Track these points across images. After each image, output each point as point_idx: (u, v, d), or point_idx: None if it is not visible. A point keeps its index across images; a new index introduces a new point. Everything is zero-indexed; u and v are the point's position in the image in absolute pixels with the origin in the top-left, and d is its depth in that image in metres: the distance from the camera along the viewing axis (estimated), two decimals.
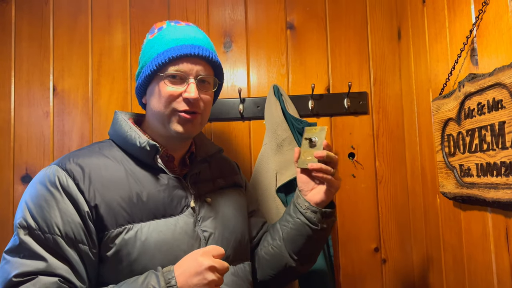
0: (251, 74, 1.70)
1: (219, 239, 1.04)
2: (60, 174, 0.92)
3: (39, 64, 1.70)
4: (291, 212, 1.15)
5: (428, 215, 1.44)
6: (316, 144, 1.09)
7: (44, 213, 0.88)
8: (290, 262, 1.14)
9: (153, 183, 0.99)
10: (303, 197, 1.12)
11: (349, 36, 1.70)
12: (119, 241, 0.91)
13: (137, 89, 1.08)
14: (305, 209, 1.10)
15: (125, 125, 1.03)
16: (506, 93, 0.88)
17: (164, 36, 1.02)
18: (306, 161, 1.10)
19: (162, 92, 0.99)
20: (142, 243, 0.92)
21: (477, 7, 1.04)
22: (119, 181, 0.96)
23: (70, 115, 1.69)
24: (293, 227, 1.13)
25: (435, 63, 1.32)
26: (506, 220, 0.95)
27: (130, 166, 1.00)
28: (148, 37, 1.07)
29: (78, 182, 0.92)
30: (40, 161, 1.66)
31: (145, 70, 1.02)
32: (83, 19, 1.72)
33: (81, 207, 0.90)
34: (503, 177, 0.90)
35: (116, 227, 0.92)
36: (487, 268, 1.05)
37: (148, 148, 0.98)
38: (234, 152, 1.67)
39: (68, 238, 0.88)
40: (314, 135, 1.10)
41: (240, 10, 1.72)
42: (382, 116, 1.68)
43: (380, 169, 1.66)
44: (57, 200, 0.89)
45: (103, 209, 0.91)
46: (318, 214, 1.09)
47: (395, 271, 1.63)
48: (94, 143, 1.07)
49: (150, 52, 1.03)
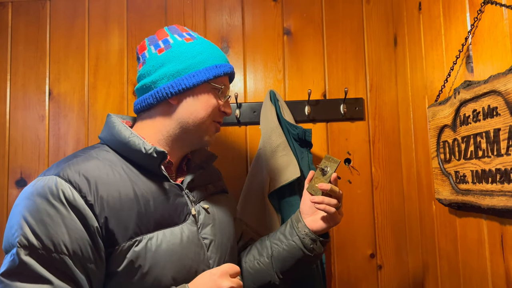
0: (247, 79, 1.71)
1: (219, 246, 1.03)
2: (64, 187, 0.82)
3: (35, 67, 1.70)
4: (287, 233, 1.15)
5: (424, 221, 1.44)
6: (326, 174, 1.12)
7: (49, 231, 0.79)
8: (274, 280, 1.15)
9: (157, 191, 0.95)
10: (303, 222, 1.13)
11: (346, 42, 1.71)
12: (130, 254, 0.86)
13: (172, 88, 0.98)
14: (304, 234, 1.12)
15: (125, 130, 0.97)
16: (501, 100, 0.88)
17: (210, 47, 1.04)
18: (313, 187, 1.13)
19: (211, 102, 1.02)
20: (153, 254, 0.88)
21: (473, 15, 1.05)
22: (125, 190, 0.90)
23: (65, 119, 1.68)
24: (286, 248, 1.13)
25: (431, 70, 1.33)
26: (501, 227, 0.95)
27: (132, 173, 0.94)
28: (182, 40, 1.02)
29: (85, 195, 0.84)
30: (35, 165, 1.65)
31: (196, 75, 0.99)
32: (80, 23, 1.72)
33: (90, 222, 0.83)
34: (498, 184, 0.90)
35: (127, 240, 0.86)
36: (482, 275, 1.05)
37: (154, 155, 0.94)
38: (230, 157, 1.67)
39: (76, 257, 0.81)
40: (328, 164, 1.13)
41: (237, 15, 1.73)
42: (378, 122, 1.68)
43: (376, 175, 1.66)
44: (63, 215, 0.81)
45: (113, 223, 0.85)
46: (316, 243, 1.12)
47: (390, 278, 1.63)
48: (86, 149, 0.99)
49: (197, 58, 1.00)
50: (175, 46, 1.01)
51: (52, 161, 1.64)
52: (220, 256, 1.03)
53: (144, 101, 1.01)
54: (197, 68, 1.00)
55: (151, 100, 1.00)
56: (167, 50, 1.00)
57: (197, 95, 1.01)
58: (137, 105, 1.04)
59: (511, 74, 0.84)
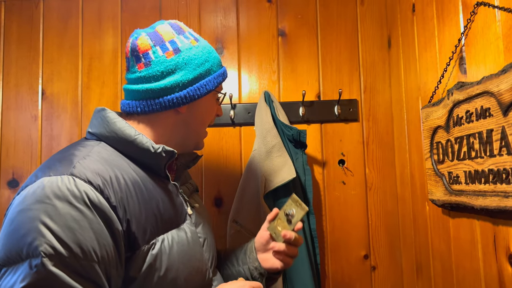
0: (242, 80, 1.71)
1: (210, 244, 1.03)
2: (86, 188, 0.76)
3: (28, 67, 1.68)
4: (239, 259, 1.14)
5: (417, 222, 1.44)
6: (291, 221, 1.05)
7: (77, 236, 0.72)
8: None
9: (163, 191, 0.93)
10: (255, 255, 1.11)
11: (340, 44, 1.71)
12: (148, 257, 0.82)
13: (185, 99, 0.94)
14: (253, 268, 1.10)
15: (129, 128, 0.91)
16: (494, 101, 0.89)
17: (211, 52, 1.03)
18: (275, 229, 1.07)
19: (214, 108, 1.05)
20: (167, 257, 0.86)
21: (466, 17, 1.05)
22: (139, 190, 0.86)
23: (59, 119, 1.67)
24: (235, 273, 1.12)
25: (424, 71, 1.33)
26: (493, 227, 0.96)
27: (139, 172, 0.90)
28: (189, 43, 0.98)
29: (108, 197, 0.78)
30: (27, 166, 1.64)
31: (209, 84, 0.98)
32: (73, 23, 1.71)
33: (115, 226, 0.78)
34: (491, 185, 0.91)
35: (145, 243, 0.83)
36: (475, 275, 1.05)
37: (163, 154, 0.91)
38: (224, 158, 1.66)
39: (104, 263, 0.75)
40: (295, 210, 1.05)
41: (232, 16, 1.73)
42: (372, 123, 1.69)
43: (370, 176, 1.67)
44: (89, 219, 0.74)
45: (135, 225, 0.81)
46: (263, 279, 1.09)
47: (384, 278, 1.63)
48: (82, 145, 0.90)
49: (206, 66, 0.98)
50: (184, 51, 0.95)
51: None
52: (212, 254, 1.03)
53: (147, 107, 0.94)
54: (207, 77, 0.98)
55: (157, 107, 0.94)
56: (177, 55, 0.94)
57: (204, 103, 1.01)
58: (135, 108, 0.95)
59: (503, 75, 0.84)
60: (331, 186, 1.66)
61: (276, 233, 1.06)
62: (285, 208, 1.07)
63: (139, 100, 0.95)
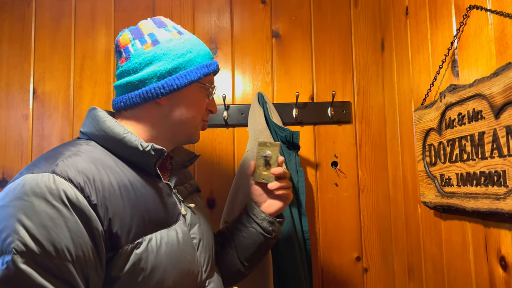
0: (236, 81, 1.70)
1: (206, 245, 1.02)
2: (65, 186, 0.74)
3: (19, 66, 1.67)
4: (244, 221, 1.17)
5: (409, 224, 1.45)
6: (270, 160, 1.13)
7: (51, 234, 0.71)
8: (240, 267, 1.17)
9: (152, 190, 0.91)
10: (259, 208, 1.16)
11: (334, 46, 1.71)
12: (133, 257, 0.81)
13: (163, 89, 0.93)
14: (261, 219, 1.14)
15: (118, 126, 0.90)
16: (485, 104, 0.89)
17: (197, 44, 1.00)
18: (261, 175, 1.14)
19: (201, 102, 1.01)
20: (154, 257, 0.84)
21: (458, 20, 1.06)
22: (125, 189, 0.85)
23: (50, 118, 1.65)
24: (247, 236, 1.15)
25: (417, 74, 1.34)
26: (485, 229, 0.96)
27: (128, 172, 0.89)
28: (170, 35, 0.97)
29: (88, 195, 0.76)
30: (17, 165, 1.62)
31: (189, 75, 0.95)
32: (66, 22, 1.69)
33: (94, 225, 0.76)
34: (483, 187, 0.91)
35: (129, 242, 0.81)
36: (466, 277, 1.06)
37: (152, 153, 0.89)
38: (217, 158, 1.66)
39: (79, 264, 0.73)
40: (268, 150, 1.14)
41: (226, 17, 1.73)
42: (365, 125, 1.69)
43: (363, 178, 1.67)
44: (65, 218, 0.73)
45: (117, 224, 0.80)
46: (274, 224, 1.15)
47: (376, 280, 1.64)
48: (71, 144, 0.90)
49: (187, 56, 0.96)
50: (163, 42, 0.95)
51: None
52: (208, 255, 1.02)
53: (129, 100, 0.95)
54: (188, 68, 0.96)
55: (137, 99, 0.94)
56: (155, 46, 0.94)
57: (187, 95, 0.97)
58: (119, 103, 0.97)
59: (495, 78, 0.85)
60: (324, 188, 1.66)
61: (264, 178, 1.13)
62: (258, 154, 1.14)
63: (123, 94, 0.96)
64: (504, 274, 0.89)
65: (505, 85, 0.82)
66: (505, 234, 0.88)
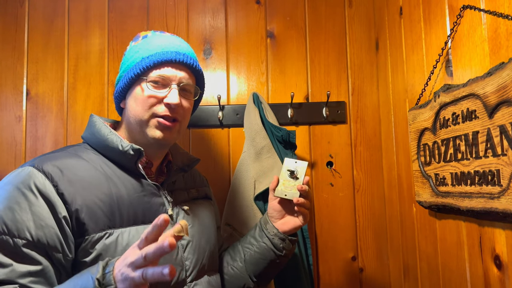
0: (230, 82, 1.70)
1: (196, 248, 1.03)
2: (36, 176, 0.86)
3: (12, 67, 1.65)
4: (257, 235, 1.18)
5: (404, 224, 1.45)
6: (298, 177, 1.14)
7: (15, 216, 0.82)
8: (249, 283, 1.17)
9: (133, 188, 0.97)
10: (272, 224, 1.16)
11: (328, 46, 1.72)
12: (99, 246, 0.87)
13: (116, 93, 1.05)
14: (273, 235, 1.15)
15: (105, 129, 1.00)
16: (479, 103, 0.89)
17: (149, 42, 1.03)
18: (284, 191, 1.14)
19: (143, 95, 0.99)
20: (123, 248, 0.88)
21: (452, 20, 1.06)
22: (99, 184, 0.92)
23: (43, 120, 1.64)
24: (258, 250, 1.16)
25: (411, 73, 1.34)
26: (479, 228, 0.97)
27: (109, 169, 0.97)
28: (131, 44, 1.07)
29: (56, 184, 0.86)
30: (11, 167, 1.60)
31: (127, 73, 1.01)
32: (59, 23, 1.68)
33: (58, 211, 0.85)
34: (477, 186, 0.92)
35: (97, 232, 0.88)
36: (461, 276, 1.06)
37: (131, 152, 0.95)
38: (213, 159, 1.65)
39: (40, 243, 0.82)
40: (296, 167, 1.15)
41: (220, 17, 1.72)
42: (360, 125, 1.69)
43: (358, 178, 1.67)
44: (30, 202, 0.83)
45: (85, 213, 0.87)
46: (286, 242, 1.15)
47: (372, 280, 1.64)
48: (67, 146, 1.03)
49: (133, 57, 1.02)
50: (126, 53, 1.07)
51: None
52: (198, 258, 1.03)
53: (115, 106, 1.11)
54: (129, 67, 1.02)
55: (115, 106, 1.10)
56: (123, 58, 1.07)
57: (132, 92, 1.02)
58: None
59: (489, 78, 0.85)
60: (319, 187, 1.66)
61: (287, 194, 1.13)
62: (284, 169, 1.15)
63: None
64: (499, 273, 0.89)
65: (499, 84, 0.82)
66: (500, 233, 0.89)
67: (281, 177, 1.16)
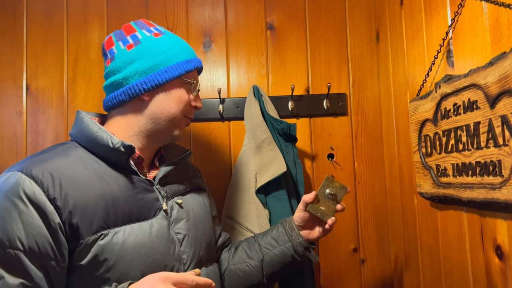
0: (230, 75, 1.69)
1: (193, 241, 1.03)
2: (25, 182, 0.82)
3: (12, 62, 1.65)
4: (279, 239, 1.19)
5: (406, 215, 1.45)
6: (336, 200, 1.17)
7: (6, 226, 0.79)
8: (262, 281, 1.19)
9: (126, 186, 0.95)
10: (298, 231, 1.17)
11: (329, 37, 1.71)
12: (95, 248, 0.86)
13: (145, 84, 0.99)
14: (297, 243, 1.16)
15: (93, 125, 0.97)
16: (481, 93, 0.89)
17: (179, 42, 1.06)
18: (319, 210, 1.15)
19: (183, 97, 1.04)
20: (119, 248, 0.88)
21: (453, 9, 1.05)
22: (91, 184, 0.90)
23: (44, 114, 1.64)
24: (279, 254, 1.17)
25: (412, 64, 1.34)
26: (481, 219, 0.97)
27: (100, 168, 0.94)
28: (151, 35, 1.03)
29: (47, 190, 0.83)
30: (12, 162, 1.60)
31: (170, 70, 1.00)
32: (58, 17, 1.68)
33: (51, 217, 0.82)
34: (478, 177, 0.91)
35: (91, 234, 0.86)
36: (462, 267, 1.06)
37: (122, 149, 0.93)
38: (213, 153, 1.65)
39: (32, 253, 0.80)
40: (336, 190, 1.17)
41: (220, 9, 1.71)
42: (360, 117, 1.69)
43: (359, 170, 1.67)
44: (20, 211, 0.80)
45: (78, 216, 0.85)
46: (310, 251, 1.18)
47: (373, 271, 1.64)
48: (56, 145, 0.99)
49: (168, 53, 1.02)
50: (145, 42, 1.01)
51: None
52: (195, 251, 1.03)
53: (115, 98, 1.01)
54: (169, 64, 1.01)
55: (123, 97, 1.00)
56: (137, 46, 1.01)
57: (169, 90, 1.02)
58: (107, 103, 1.04)
59: (490, 68, 0.85)
60: (320, 180, 1.66)
61: (321, 214, 1.15)
62: (323, 188, 1.17)
63: (110, 94, 1.03)
64: (500, 263, 0.90)
65: (500, 74, 0.82)
66: (501, 224, 0.89)
67: (319, 193, 1.17)
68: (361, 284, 1.64)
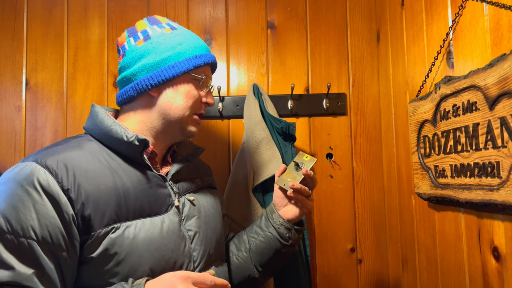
0: (231, 73, 1.69)
1: (203, 238, 1.03)
2: (40, 172, 0.82)
3: (11, 56, 1.65)
4: (262, 225, 1.17)
5: (404, 215, 1.46)
6: (300, 169, 1.15)
7: (19, 215, 0.79)
8: (254, 273, 1.16)
9: (138, 180, 0.95)
10: (278, 213, 1.15)
11: (329, 37, 1.71)
12: (106, 241, 0.85)
13: (151, 80, 0.98)
14: (278, 224, 1.14)
15: (108, 119, 0.97)
16: (480, 95, 0.89)
17: (190, 37, 1.04)
18: (284, 181, 1.14)
19: (192, 93, 1.03)
20: (130, 242, 0.87)
21: (454, 11, 1.06)
22: (104, 177, 0.89)
23: (43, 110, 1.64)
24: (263, 240, 1.15)
25: (412, 65, 1.34)
26: (478, 220, 0.97)
27: (113, 161, 0.94)
28: (162, 31, 1.02)
29: (61, 181, 0.83)
30: (11, 157, 1.61)
31: (177, 66, 0.99)
32: (58, 12, 1.67)
33: (64, 208, 0.82)
34: (476, 178, 0.92)
35: (103, 227, 0.85)
36: (459, 268, 1.07)
37: (136, 143, 0.93)
38: (213, 151, 1.65)
39: (45, 243, 0.80)
40: (303, 161, 1.16)
41: (221, 7, 1.71)
42: (360, 117, 1.69)
43: (357, 170, 1.67)
44: (34, 200, 0.80)
45: (91, 208, 0.85)
46: (291, 231, 1.14)
47: (370, 271, 1.65)
48: (69, 138, 0.99)
49: (177, 49, 1.00)
50: (154, 37, 1.01)
51: (28, 153, 1.60)
52: (205, 249, 1.02)
53: (125, 94, 1.02)
54: (177, 59, 1.00)
55: (131, 92, 1.00)
56: (146, 42, 1.00)
57: (177, 86, 1.01)
58: (119, 98, 1.04)
59: (490, 69, 0.85)
60: (318, 179, 1.66)
61: (285, 184, 1.13)
62: (293, 163, 1.16)
63: (121, 89, 1.04)
64: (497, 265, 0.90)
65: (500, 76, 0.82)
66: (498, 225, 0.89)
67: (288, 167, 1.16)
68: (358, 284, 1.64)
